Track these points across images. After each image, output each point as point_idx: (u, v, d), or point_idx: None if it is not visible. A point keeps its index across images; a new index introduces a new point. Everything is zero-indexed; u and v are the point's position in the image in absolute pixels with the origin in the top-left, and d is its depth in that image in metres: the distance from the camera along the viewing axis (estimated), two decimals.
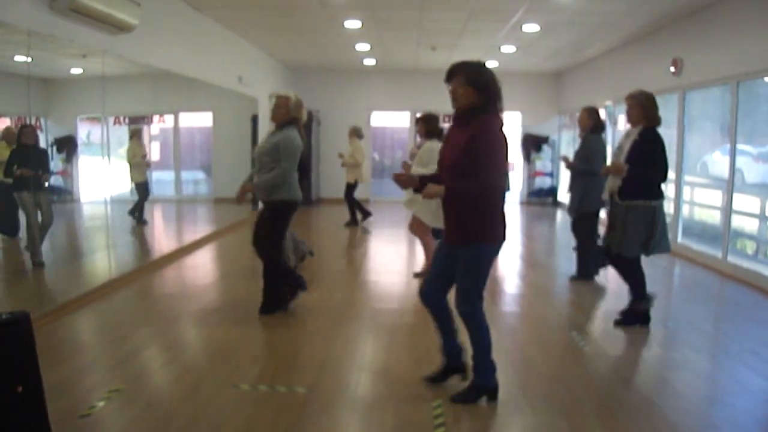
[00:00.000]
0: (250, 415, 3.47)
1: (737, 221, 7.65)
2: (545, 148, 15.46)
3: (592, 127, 6.61)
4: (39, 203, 5.85)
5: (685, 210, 9.04)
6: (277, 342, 4.85)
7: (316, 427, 3.40)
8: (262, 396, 3.76)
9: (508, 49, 11.67)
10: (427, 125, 6.77)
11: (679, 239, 8.78)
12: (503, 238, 3.55)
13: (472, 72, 3.49)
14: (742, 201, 7.54)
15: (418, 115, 7.26)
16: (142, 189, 8.30)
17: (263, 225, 5.36)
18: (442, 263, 3.71)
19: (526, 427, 3.45)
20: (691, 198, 9.07)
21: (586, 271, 6.80)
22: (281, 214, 5.33)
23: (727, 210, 7.53)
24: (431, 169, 6.36)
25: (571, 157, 6.91)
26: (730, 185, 7.44)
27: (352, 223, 11.25)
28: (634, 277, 5.20)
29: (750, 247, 7.80)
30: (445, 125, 7.59)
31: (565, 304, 6.12)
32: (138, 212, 8.38)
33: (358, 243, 9.88)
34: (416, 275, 7.05)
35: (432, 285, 3.77)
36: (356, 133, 11.23)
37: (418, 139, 8.07)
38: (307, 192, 14.11)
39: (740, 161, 7.54)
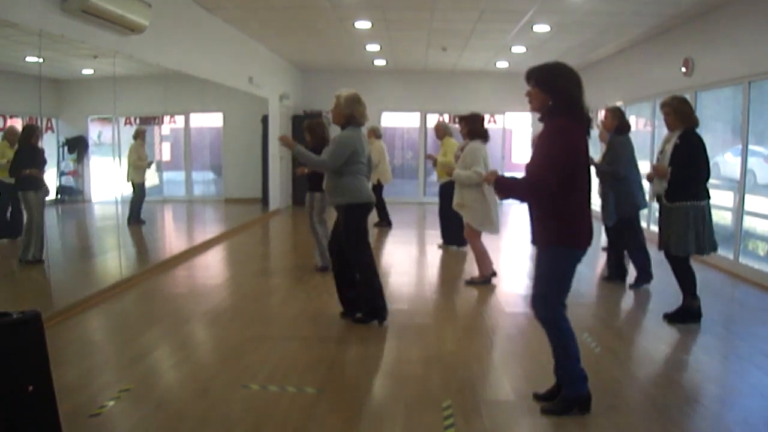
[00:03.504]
0: (260, 416, 3.48)
1: (749, 222, 7.60)
2: None
3: (618, 127, 6.48)
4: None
5: None
6: (287, 342, 4.85)
7: (326, 427, 3.40)
8: (272, 396, 3.77)
9: (518, 49, 11.65)
10: (470, 125, 6.57)
11: None
12: (584, 243, 3.45)
13: (542, 74, 3.43)
14: (754, 202, 7.49)
15: (436, 116, 7.13)
16: (141, 189, 8.20)
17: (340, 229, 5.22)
18: None
19: (536, 428, 3.43)
20: None
21: (621, 272, 6.80)
22: (349, 217, 5.14)
23: (739, 211, 7.48)
24: (476, 170, 6.30)
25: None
26: (741, 186, 7.39)
27: (386, 224, 11.13)
28: (686, 276, 5.31)
29: (762, 249, 7.74)
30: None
31: (576, 305, 6.07)
32: (137, 212, 8.24)
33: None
34: (468, 283, 6.81)
35: None
36: (374, 133, 11.08)
37: (432, 141, 7.99)
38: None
39: (752, 162, 7.48)
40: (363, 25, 9.79)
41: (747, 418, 3.59)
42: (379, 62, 14.15)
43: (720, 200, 8.64)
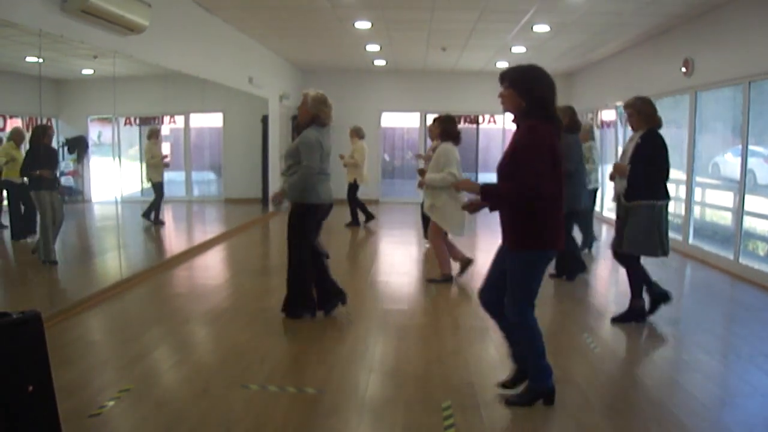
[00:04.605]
0: (259, 416, 3.48)
1: (749, 222, 7.60)
2: None
3: (568, 126, 6.49)
4: (52, 202, 5.91)
5: (697, 211, 8.98)
6: (287, 342, 4.85)
7: (325, 427, 3.40)
8: (272, 396, 3.77)
9: (518, 49, 11.63)
10: (442, 126, 6.59)
11: (691, 240, 8.72)
12: (556, 244, 3.50)
13: (516, 76, 3.51)
14: (754, 202, 7.49)
15: (434, 115, 7.13)
16: (159, 189, 8.33)
17: (288, 227, 5.27)
18: (498, 265, 3.69)
19: (536, 428, 3.43)
20: (702, 199, 9.01)
21: (570, 270, 6.85)
22: (301, 217, 5.22)
23: (739, 211, 7.48)
24: (450, 172, 6.30)
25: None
26: (741, 186, 7.38)
27: (354, 223, 11.17)
28: (636, 276, 5.30)
29: (762, 249, 7.74)
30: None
31: (573, 305, 6.09)
32: (155, 212, 8.41)
33: (366, 244, 9.88)
34: (429, 281, 6.88)
35: (488, 288, 3.75)
36: (357, 133, 11.09)
37: (430, 142, 7.94)
38: None
39: (752, 162, 7.48)
40: (363, 25, 9.79)
41: (747, 418, 3.59)
42: (379, 62, 14.14)
43: (720, 200, 8.66)
